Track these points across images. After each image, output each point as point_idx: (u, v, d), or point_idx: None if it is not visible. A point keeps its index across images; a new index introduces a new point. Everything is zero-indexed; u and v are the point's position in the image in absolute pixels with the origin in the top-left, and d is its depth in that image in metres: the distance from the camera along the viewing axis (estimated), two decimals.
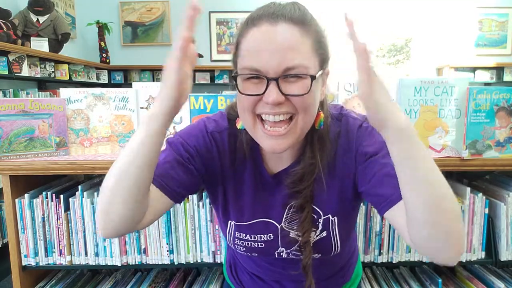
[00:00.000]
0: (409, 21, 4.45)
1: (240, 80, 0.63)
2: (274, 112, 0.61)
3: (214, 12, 4.45)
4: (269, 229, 0.76)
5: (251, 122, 0.64)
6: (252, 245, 0.77)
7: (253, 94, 0.61)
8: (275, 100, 0.59)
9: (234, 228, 0.78)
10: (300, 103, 0.61)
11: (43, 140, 1.16)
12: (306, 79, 0.60)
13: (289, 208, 0.74)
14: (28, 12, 3.05)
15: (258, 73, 0.60)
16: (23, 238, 1.18)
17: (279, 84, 0.59)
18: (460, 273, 1.32)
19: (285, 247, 0.77)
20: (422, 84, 1.16)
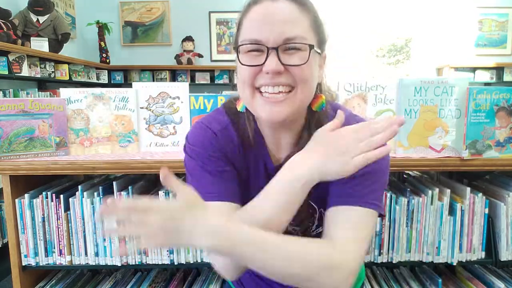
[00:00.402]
0: (409, 21, 4.45)
1: (241, 53, 0.65)
2: (273, 83, 0.63)
3: (214, 12, 4.45)
4: None
5: (250, 95, 0.66)
6: None
7: (254, 65, 0.63)
8: (274, 68, 0.61)
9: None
10: (299, 74, 0.63)
11: (43, 140, 1.16)
12: (305, 50, 0.62)
13: None
14: (28, 12, 3.05)
15: (259, 43, 0.62)
16: (23, 238, 1.18)
17: (279, 54, 0.61)
18: (460, 273, 1.32)
19: None
20: (422, 84, 1.16)
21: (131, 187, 1.18)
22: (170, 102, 1.27)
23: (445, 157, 1.13)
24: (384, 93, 1.21)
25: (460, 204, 1.15)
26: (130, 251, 1.19)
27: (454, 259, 1.17)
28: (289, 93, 0.64)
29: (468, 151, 1.11)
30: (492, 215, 1.18)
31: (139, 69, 4.43)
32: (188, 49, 4.36)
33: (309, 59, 0.62)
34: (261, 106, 0.65)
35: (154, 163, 1.11)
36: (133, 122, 1.26)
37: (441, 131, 1.16)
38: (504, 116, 1.11)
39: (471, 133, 1.10)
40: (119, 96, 1.24)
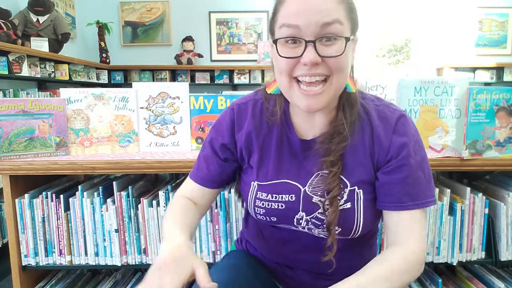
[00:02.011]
0: (409, 21, 4.45)
1: (279, 44, 0.67)
2: (310, 74, 0.66)
3: (214, 12, 4.45)
4: (292, 190, 0.77)
5: (287, 83, 0.69)
6: (272, 206, 0.77)
7: (291, 57, 0.66)
8: (312, 60, 0.64)
9: (256, 188, 0.79)
10: (335, 64, 0.66)
11: (43, 140, 1.16)
12: (341, 41, 0.65)
13: (316, 176, 0.76)
14: (28, 12, 3.05)
15: (296, 33, 0.64)
16: (23, 238, 1.18)
17: (316, 46, 0.64)
18: (460, 273, 1.32)
19: (305, 212, 0.76)
20: (422, 84, 1.16)
21: (131, 187, 1.18)
22: (170, 102, 1.27)
23: (445, 157, 1.13)
24: (384, 93, 1.21)
25: (460, 204, 1.15)
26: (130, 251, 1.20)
27: (454, 259, 1.17)
28: (325, 83, 0.67)
29: (468, 151, 1.11)
30: (492, 215, 1.18)
31: (139, 69, 4.43)
32: (188, 49, 4.36)
33: (345, 49, 0.65)
34: (299, 98, 0.69)
35: (154, 163, 1.12)
36: (133, 122, 1.26)
37: (441, 131, 1.16)
38: (504, 116, 1.11)
39: (471, 133, 1.10)
40: (119, 96, 1.24)
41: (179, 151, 1.27)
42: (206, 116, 1.28)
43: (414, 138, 0.74)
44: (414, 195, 0.71)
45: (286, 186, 0.77)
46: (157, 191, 1.20)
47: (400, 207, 0.72)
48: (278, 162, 0.79)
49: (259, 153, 0.80)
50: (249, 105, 0.82)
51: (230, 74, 4.44)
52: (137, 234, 1.19)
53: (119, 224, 1.18)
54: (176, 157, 1.15)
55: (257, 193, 0.79)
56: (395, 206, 0.72)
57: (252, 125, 0.80)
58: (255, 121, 0.80)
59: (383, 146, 0.73)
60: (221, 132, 0.82)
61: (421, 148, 0.75)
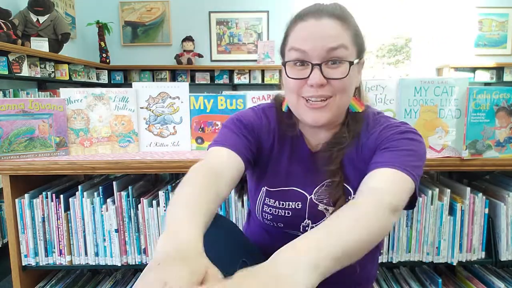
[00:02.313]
0: (409, 21, 4.45)
1: (288, 66, 0.74)
2: (317, 95, 0.71)
3: (214, 12, 4.45)
4: (298, 197, 0.81)
5: (296, 101, 0.75)
6: (279, 213, 0.81)
7: (299, 78, 0.72)
8: (318, 81, 0.69)
9: (265, 194, 0.83)
10: (339, 85, 0.71)
11: (43, 140, 1.16)
12: (345, 64, 0.70)
13: (321, 185, 0.80)
14: (28, 12, 3.04)
15: (304, 56, 0.70)
16: (23, 238, 1.18)
17: (322, 69, 0.70)
18: (460, 273, 1.32)
19: (311, 220, 0.80)
20: (422, 84, 1.16)
21: (131, 187, 1.18)
22: (170, 102, 1.27)
23: (445, 157, 1.13)
24: (384, 93, 1.21)
25: (460, 204, 1.15)
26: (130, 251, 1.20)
27: (454, 259, 1.17)
28: (330, 99, 0.72)
29: (468, 151, 1.11)
30: (492, 215, 1.18)
31: (139, 69, 4.42)
32: (188, 49, 4.35)
33: (349, 72, 0.70)
34: (305, 112, 0.74)
35: (154, 163, 1.11)
36: (133, 122, 1.26)
37: (441, 131, 1.16)
38: (504, 116, 1.11)
39: (471, 133, 1.10)
40: (119, 96, 1.24)
41: (179, 151, 1.27)
42: (206, 116, 1.28)
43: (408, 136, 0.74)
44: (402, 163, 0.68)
45: (293, 193, 0.81)
46: (157, 191, 1.20)
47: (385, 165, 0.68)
48: (288, 169, 0.82)
49: (274, 158, 0.83)
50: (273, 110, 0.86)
51: (230, 74, 4.44)
52: (137, 234, 1.19)
53: (119, 224, 1.18)
54: (176, 157, 1.15)
55: (265, 199, 0.82)
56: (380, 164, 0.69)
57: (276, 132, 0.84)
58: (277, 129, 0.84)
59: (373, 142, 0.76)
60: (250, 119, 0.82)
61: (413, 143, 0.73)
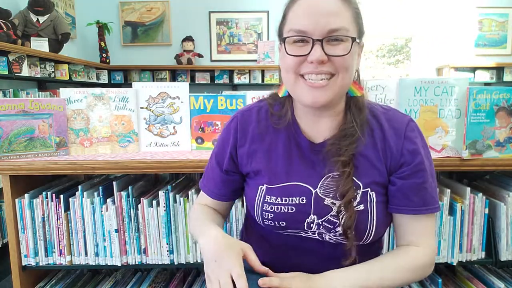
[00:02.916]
0: (409, 21, 4.45)
1: (287, 43, 0.70)
2: (317, 71, 0.67)
3: (214, 12, 4.45)
4: (302, 192, 0.76)
5: (293, 80, 0.71)
6: (281, 210, 0.76)
7: (299, 55, 0.68)
8: (319, 58, 0.66)
9: (264, 191, 0.77)
10: (341, 63, 0.68)
11: (43, 140, 1.16)
12: (347, 41, 0.67)
13: (326, 178, 0.75)
14: (28, 12, 3.04)
15: (304, 34, 0.67)
16: (23, 238, 1.18)
17: (323, 45, 0.66)
18: (460, 273, 1.32)
19: (317, 215, 0.75)
20: (422, 84, 1.16)
21: (131, 187, 1.18)
22: (170, 102, 1.27)
23: (445, 157, 1.13)
24: (384, 93, 1.21)
25: (460, 204, 1.15)
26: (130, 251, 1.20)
27: (454, 259, 1.17)
28: (330, 79, 0.69)
29: (468, 151, 1.11)
30: (492, 215, 1.18)
31: (139, 69, 4.42)
32: (188, 49, 4.35)
33: (351, 50, 0.67)
34: (304, 91, 0.70)
35: (154, 163, 1.11)
36: (133, 122, 1.26)
37: (441, 131, 1.16)
38: (504, 116, 1.11)
39: (471, 133, 1.10)
40: (119, 96, 1.24)
41: (179, 151, 1.27)
42: (206, 116, 1.28)
43: (424, 144, 0.77)
44: (427, 200, 0.74)
45: (296, 188, 0.76)
46: (157, 191, 1.20)
47: (415, 211, 0.74)
48: (287, 164, 0.78)
49: (266, 157, 0.79)
50: (253, 112, 0.83)
51: (230, 74, 4.44)
52: (137, 234, 1.19)
53: (119, 224, 1.18)
54: (176, 157, 1.15)
55: (265, 196, 0.77)
56: (410, 210, 0.74)
57: (256, 130, 0.80)
58: (260, 126, 0.81)
59: (395, 151, 0.75)
60: (226, 142, 0.83)
61: (429, 153, 0.78)
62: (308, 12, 0.67)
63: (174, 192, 1.19)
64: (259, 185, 0.78)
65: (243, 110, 0.84)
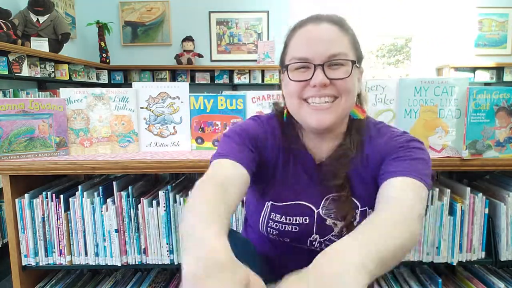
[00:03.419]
0: (409, 21, 4.45)
1: (290, 70, 0.73)
2: (319, 94, 0.70)
3: (214, 12, 4.45)
4: (305, 212, 0.79)
5: (298, 105, 0.74)
6: (286, 228, 0.79)
7: (302, 80, 0.71)
8: (321, 81, 0.69)
9: (269, 209, 0.80)
10: (343, 86, 0.71)
11: (43, 140, 1.16)
12: (347, 65, 0.71)
13: (327, 199, 0.78)
14: (28, 12, 3.04)
15: (306, 61, 0.70)
16: (23, 238, 1.18)
17: (324, 70, 0.70)
18: (460, 273, 1.32)
19: (319, 235, 0.79)
20: (422, 84, 1.16)
21: (131, 187, 1.18)
22: (170, 102, 1.27)
23: (445, 157, 1.13)
24: (384, 93, 1.21)
25: (460, 204, 1.15)
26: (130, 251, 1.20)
27: (454, 259, 1.17)
28: (334, 102, 0.72)
29: (468, 151, 1.11)
30: (492, 215, 1.18)
31: (139, 69, 4.42)
32: (188, 49, 4.35)
33: (352, 72, 0.71)
34: (309, 114, 0.73)
35: (154, 163, 1.11)
36: (133, 122, 1.26)
37: (441, 131, 1.16)
38: (504, 116, 1.11)
39: (471, 133, 1.10)
40: (119, 96, 1.24)
41: (179, 151, 1.27)
42: (206, 116, 1.28)
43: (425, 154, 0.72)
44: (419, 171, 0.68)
45: (300, 208, 0.79)
46: (157, 191, 1.20)
47: (404, 173, 0.67)
48: (295, 183, 0.80)
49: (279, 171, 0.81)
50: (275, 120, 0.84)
51: (230, 74, 4.44)
52: (137, 234, 1.19)
53: (119, 224, 1.18)
54: (176, 157, 1.15)
55: (271, 213, 0.80)
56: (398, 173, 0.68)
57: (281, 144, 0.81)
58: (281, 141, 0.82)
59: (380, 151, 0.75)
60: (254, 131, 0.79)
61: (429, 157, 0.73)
62: (309, 40, 0.71)
63: (174, 192, 1.19)
64: (265, 201, 0.81)
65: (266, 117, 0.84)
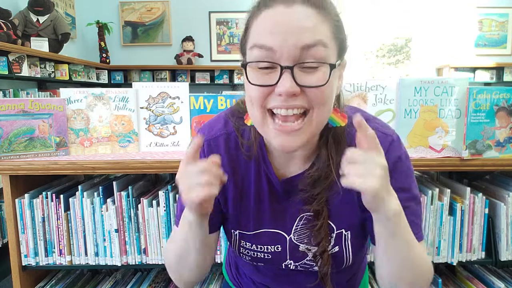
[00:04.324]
0: (409, 21, 4.45)
1: (250, 69, 0.56)
2: (287, 106, 0.54)
3: (214, 12, 4.45)
4: (277, 240, 0.70)
5: (260, 117, 0.57)
6: (258, 255, 0.72)
7: (264, 85, 0.54)
8: (289, 90, 0.52)
9: (238, 237, 0.72)
10: (317, 96, 0.54)
11: (43, 140, 1.16)
12: (325, 67, 0.54)
13: (300, 219, 0.69)
14: (28, 12, 3.05)
15: (270, 56, 0.53)
16: (23, 238, 1.18)
17: (294, 73, 0.52)
18: (460, 273, 1.32)
19: (293, 260, 0.72)
20: (422, 84, 1.16)
21: (131, 187, 1.18)
22: (170, 102, 1.27)
23: (445, 157, 1.13)
24: (384, 93, 1.21)
25: (460, 204, 1.15)
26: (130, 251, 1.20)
27: (454, 259, 1.17)
28: (305, 117, 0.56)
29: (468, 151, 1.11)
30: (492, 215, 1.18)
31: (139, 69, 4.43)
32: (188, 49, 4.36)
33: (330, 78, 0.54)
34: (273, 134, 0.57)
35: (154, 163, 1.11)
36: (133, 122, 1.26)
37: (441, 131, 1.16)
38: (504, 116, 1.11)
39: (471, 133, 1.10)
40: (119, 96, 1.24)
41: (179, 151, 1.27)
42: (206, 116, 1.28)
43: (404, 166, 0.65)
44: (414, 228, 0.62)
45: (270, 236, 0.70)
46: (157, 191, 1.20)
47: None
48: (258, 209, 0.69)
49: (238, 197, 0.70)
50: (221, 141, 0.69)
51: (230, 74, 4.44)
52: (137, 234, 1.19)
53: (119, 224, 1.18)
54: (176, 157, 1.15)
55: (240, 241, 0.72)
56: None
57: (228, 164, 0.68)
58: (231, 159, 0.68)
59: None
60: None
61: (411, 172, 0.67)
62: (276, 27, 0.52)
63: (174, 192, 1.19)
64: (233, 230, 0.73)
65: (208, 138, 0.69)
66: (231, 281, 0.94)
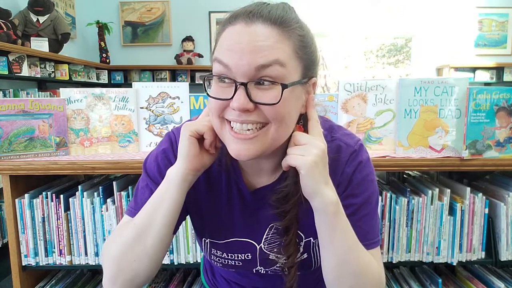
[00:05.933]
0: (409, 21, 4.45)
1: (213, 80, 0.59)
2: (241, 120, 0.56)
3: (214, 12, 4.45)
4: (247, 249, 0.72)
5: (218, 124, 0.60)
6: (229, 263, 0.74)
7: (220, 98, 0.56)
8: (241, 106, 0.54)
9: (209, 245, 0.74)
10: (272, 113, 0.55)
11: (43, 140, 1.16)
12: (277, 87, 0.54)
13: (270, 229, 0.70)
14: (28, 12, 3.04)
15: (227, 72, 0.55)
16: (23, 238, 1.18)
17: (248, 90, 0.54)
18: (460, 273, 1.32)
19: (263, 267, 0.74)
20: (422, 84, 1.16)
21: (131, 187, 1.18)
22: (170, 102, 1.27)
23: (445, 157, 1.13)
24: (384, 93, 1.21)
25: (460, 204, 1.15)
26: None
27: (454, 259, 1.17)
28: (261, 130, 0.57)
29: (468, 151, 1.11)
30: (492, 215, 1.18)
31: (139, 69, 4.42)
32: (188, 49, 4.36)
33: (282, 97, 0.54)
34: (229, 141, 0.58)
35: None
36: (133, 122, 1.26)
37: (441, 131, 1.16)
38: (504, 116, 1.11)
39: (471, 133, 1.10)
40: (119, 96, 1.24)
41: None
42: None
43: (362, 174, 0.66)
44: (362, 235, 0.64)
45: (240, 244, 0.71)
46: None
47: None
48: (229, 218, 0.70)
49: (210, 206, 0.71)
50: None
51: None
52: None
53: None
54: None
55: (211, 249, 0.74)
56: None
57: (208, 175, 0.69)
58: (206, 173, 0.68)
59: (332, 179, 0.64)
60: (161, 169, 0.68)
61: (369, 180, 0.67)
62: (233, 45, 0.54)
63: None
64: (203, 238, 0.74)
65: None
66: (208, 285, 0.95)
